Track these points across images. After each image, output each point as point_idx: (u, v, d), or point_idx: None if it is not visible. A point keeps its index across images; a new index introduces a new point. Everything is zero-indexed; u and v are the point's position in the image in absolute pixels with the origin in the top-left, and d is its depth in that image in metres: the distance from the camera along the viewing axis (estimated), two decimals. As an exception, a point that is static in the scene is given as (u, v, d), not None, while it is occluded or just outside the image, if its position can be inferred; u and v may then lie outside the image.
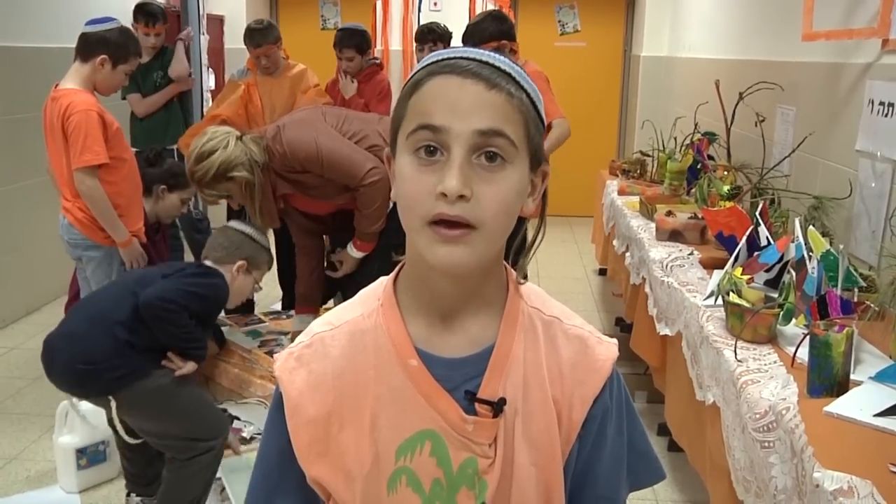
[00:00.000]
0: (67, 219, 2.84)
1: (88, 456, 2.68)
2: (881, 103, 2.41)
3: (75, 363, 2.21)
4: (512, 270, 0.91)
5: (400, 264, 0.91)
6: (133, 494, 2.56)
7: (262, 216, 2.85)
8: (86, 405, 2.68)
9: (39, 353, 2.14)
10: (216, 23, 6.36)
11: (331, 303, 3.64)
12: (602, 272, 5.19)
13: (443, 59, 0.81)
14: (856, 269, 2.13)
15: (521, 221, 0.86)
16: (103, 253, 2.89)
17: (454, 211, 0.77)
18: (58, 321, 2.35)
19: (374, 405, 0.86)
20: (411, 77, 0.83)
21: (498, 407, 0.84)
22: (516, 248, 0.90)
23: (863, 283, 2.08)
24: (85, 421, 2.66)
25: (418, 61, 4.49)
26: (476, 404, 0.84)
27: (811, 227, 2.31)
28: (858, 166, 2.54)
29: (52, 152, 2.86)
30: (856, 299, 1.99)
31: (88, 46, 2.85)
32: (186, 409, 2.32)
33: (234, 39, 6.33)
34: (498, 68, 0.80)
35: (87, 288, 3.00)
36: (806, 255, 2.13)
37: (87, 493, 2.69)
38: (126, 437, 2.35)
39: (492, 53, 0.82)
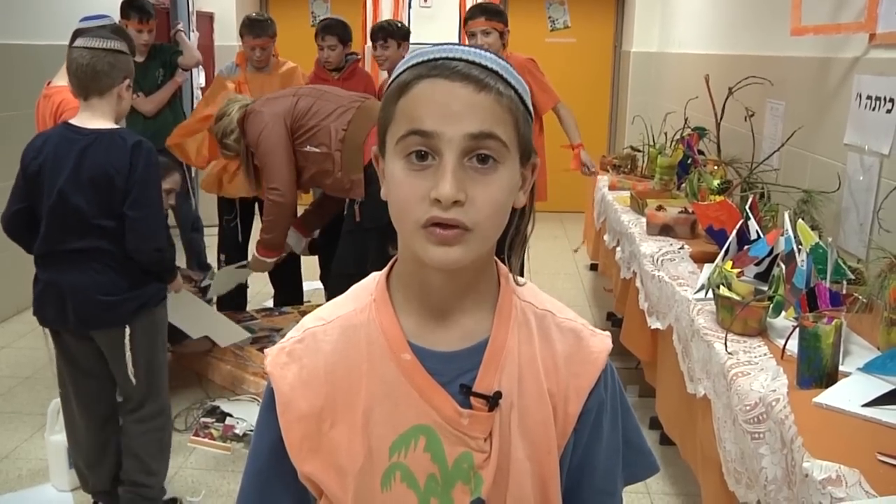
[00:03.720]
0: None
1: (81, 454, 2.68)
2: (868, 97, 2.43)
3: (96, 295, 2.24)
4: (504, 266, 0.90)
5: (392, 259, 0.90)
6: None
7: (249, 181, 3.33)
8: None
9: (30, 351, 2.12)
10: (206, 20, 6.33)
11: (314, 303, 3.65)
12: (593, 267, 5.20)
13: (430, 60, 0.80)
14: (844, 262, 2.15)
15: (513, 213, 0.87)
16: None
17: (449, 215, 0.77)
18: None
19: (368, 400, 0.85)
20: (396, 77, 0.82)
21: (493, 400, 0.84)
22: (510, 241, 0.90)
23: (851, 276, 2.10)
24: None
25: (377, 62, 4.49)
26: (471, 398, 0.84)
27: (800, 220, 2.33)
28: (847, 160, 2.55)
29: (44, 149, 2.85)
30: (844, 291, 2.00)
31: None
32: (164, 345, 2.49)
33: (224, 36, 6.31)
34: (486, 67, 0.80)
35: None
36: (795, 249, 2.14)
37: (79, 491, 2.68)
38: (132, 377, 2.34)
39: (479, 51, 0.81)
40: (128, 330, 2.30)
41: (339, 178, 3.12)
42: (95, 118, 2.24)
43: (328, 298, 3.45)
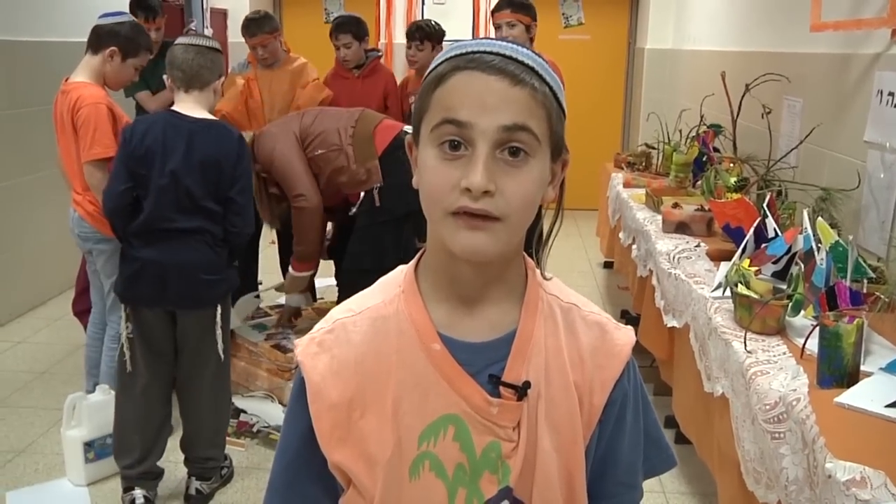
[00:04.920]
0: (78, 212, 2.85)
1: (96, 449, 2.69)
2: (890, 94, 2.40)
3: (200, 273, 2.41)
4: (530, 259, 0.92)
5: (420, 251, 0.91)
6: (136, 489, 2.52)
7: (262, 213, 3.22)
8: (93, 398, 2.69)
9: (46, 346, 2.13)
10: (220, 17, 6.35)
11: (324, 302, 3.64)
12: (607, 265, 5.19)
13: (467, 53, 0.81)
14: (865, 261, 2.12)
15: (539, 209, 0.87)
16: (113, 246, 2.87)
17: (478, 205, 0.78)
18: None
19: (397, 390, 0.86)
20: (434, 69, 0.84)
21: (522, 390, 0.85)
22: (537, 235, 0.91)
23: (872, 275, 2.08)
24: (92, 414, 2.66)
25: (407, 59, 4.45)
26: (500, 388, 0.85)
27: (819, 218, 2.30)
28: (867, 157, 2.53)
29: (63, 146, 2.86)
30: (865, 290, 1.98)
31: (99, 39, 2.86)
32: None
33: (237, 34, 6.30)
34: (522, 63, 0.81)
35: (96, 282, 3.00)
36: (814, 247, 2.12)
37: (95, 486, 2.70)
38: (221, 353, 2.50)
39: (515, 46, 0.82)
40: (219, 310, 2.46)
41: (355, 170, 3.16)
42: (196, 108, 2.45)
43: (341, 295, 3.46)
